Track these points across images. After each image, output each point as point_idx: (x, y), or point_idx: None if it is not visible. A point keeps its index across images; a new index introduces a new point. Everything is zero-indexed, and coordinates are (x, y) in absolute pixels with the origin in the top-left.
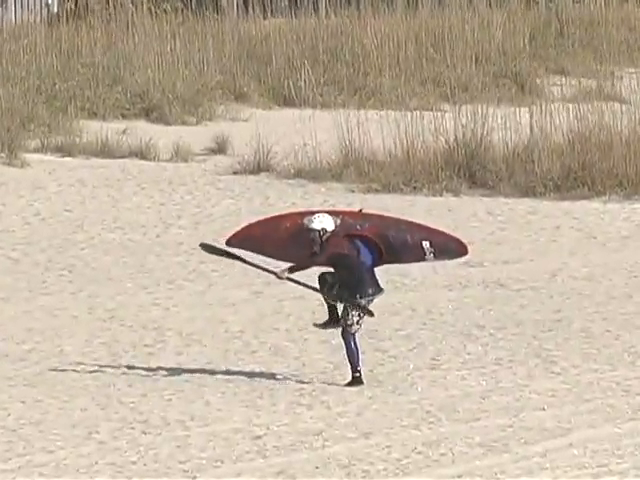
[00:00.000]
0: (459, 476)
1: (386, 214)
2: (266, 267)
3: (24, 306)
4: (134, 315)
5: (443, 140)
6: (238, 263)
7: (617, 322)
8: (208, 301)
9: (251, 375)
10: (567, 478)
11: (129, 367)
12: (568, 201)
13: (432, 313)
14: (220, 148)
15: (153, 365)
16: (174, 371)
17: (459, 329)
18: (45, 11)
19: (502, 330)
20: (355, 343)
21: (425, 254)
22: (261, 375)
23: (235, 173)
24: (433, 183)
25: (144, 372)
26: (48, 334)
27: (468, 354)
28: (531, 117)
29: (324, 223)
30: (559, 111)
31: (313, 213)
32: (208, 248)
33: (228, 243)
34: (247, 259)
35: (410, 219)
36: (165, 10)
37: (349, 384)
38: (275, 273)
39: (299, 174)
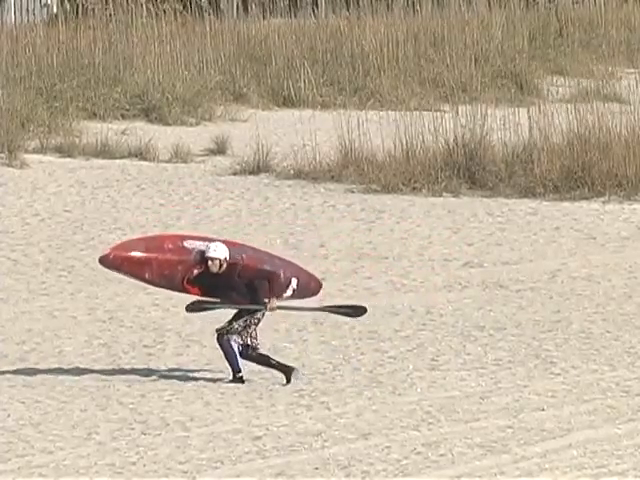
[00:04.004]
0: (458, 477)
1: (255, 247)
2: (253, 307)
3: (23, 307)
4: (133, 316)
5: (443, 140)
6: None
7: (617, 323)
8: None
9: (251, 375)
10: (567, 479)
11: (129, 368)
12: (567, 202)
13: (432, 314)
14: (219, 149)
15: (152, 366)
16: (174, 372)
17: (459, 330)
18: (44, 12)
19: (501, 331)
20: (230, 346)
21: (285, 291)
22: (261, 376)
23: (234, 174)
24: (433, 184)
25: (143, 373)
26: (47, 335)
27: (467, 355)
28: (530, 117)
29: (224, 252)
30: (558, 111)
31: (191, 237)
32: (194, 308)
33: (102, 262)
34: (228, 304)
35: (281, 256)
36: (165, 11)
37: (231, 381)
38: (266, 307)
39: (299, 175)
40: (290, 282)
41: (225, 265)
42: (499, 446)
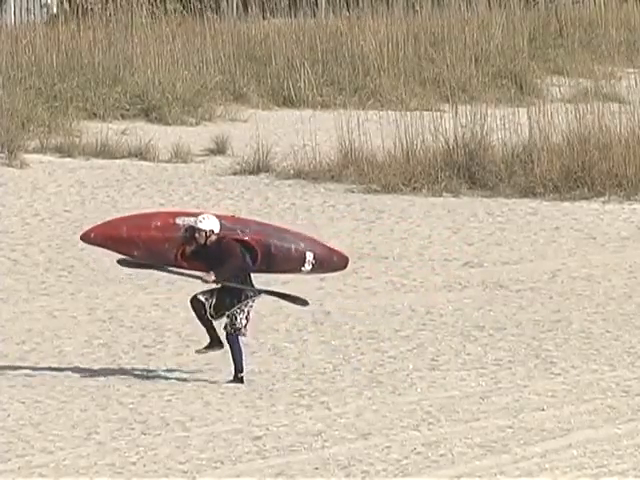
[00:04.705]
0: (458, 477)
1: (264, 222)
2: (189, 273)
3: (23, 307)
4: (133, 316)
5: (443, 140)
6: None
7: (617, 322)
8: None
9: (250, 375)
10: (567, 479)
11: (129, 368)
12: (567, 202)
13: (432, 314)
14: (219, 149)
15: (152, 366)
16: (173, 372)
17: (459, 330)
18: (44, 12)
19: (502, 331)
20: (240, 346)
21: (303, 265)
22: (261, 376)
23: (234, 174)
24: (433, 184)
25: (143, 373)
26: (47, 335)
27: (468, 355)
28: (530, 117)
29: (212, 224)
30: (558, 111)
31: (184, 213)
32: (126, 263)
33: (84, 238)
34: (168, 268)
35: (294, 230)
36: (165, 11)
37: (231, 381)
38: (201, 278)
39: (299, 174)
40: (305, 256)
41: (214, 237)
42: (499, 446)
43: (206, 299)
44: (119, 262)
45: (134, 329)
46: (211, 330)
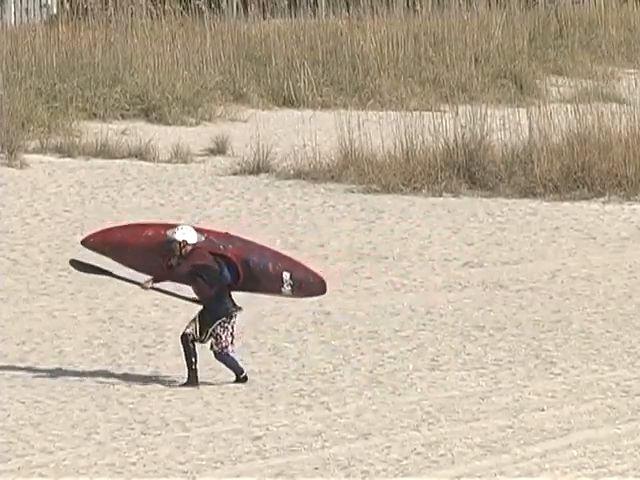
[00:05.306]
0: (458, 477)
1: (252, 240)
2: (131, 279)
3: (23, 307)
4: (133, 316)
5: (442, 141)
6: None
7: (617, 323)
8: None
9: (251, 376)
10: (567, 479)
11: (129, 368)
12: (567, 202)
13: (432, 314)
14: (219, 149)
15: (152, 366)
16: (173, 372)
17: (459, 330)
18: (44, 12)
19: (501, 331)
20: (230, 357)
21: (282, 286)
22: (261, 376)
23: (234, 174)
24: (432, 184)
25: (143, 373)
26: (47, 335)
27: (468, 355)
28: (530, 118)
29: (186, 235)
30: (558, 112)
31: (174, 226)
32: (77, 265)
33: (84, 244)
34: (114, 272)
35: (276, 249)
36: (164, 11)
37: (235, 382)
38: (140, 284)
39: (299, 175)
40: (282, 275)
41: (189, 248)
42: (499, 446)
43: (192, 329)
44: (71, 263)
45: (134, 329)
46: (192, 371)
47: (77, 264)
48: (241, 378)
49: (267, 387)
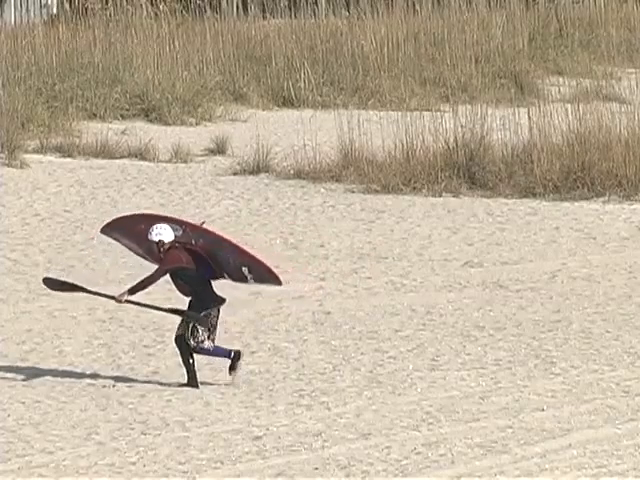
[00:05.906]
0: (458, 477)
1: (224, 235)
2: (104, 293)
3: (23, 307)
4: (133, 316)
5: (443, 141)
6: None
7: (616, 323)
8: None
9: (251, 376)
10: (567, 479)
11: (128, 368)
12: (567, 202)
13: (432, 314)
14: (219, 149)
15: (152, 366)
16: (173, 372)
17: (458, 330)
18: (44, 12)
19: (501, 331)
20: (208, 349)
21: (247, 277)
22: (260, 376)
23: (235, 174)
24: (433, 184)
25: (143, 373)
26: (47, 335)
27: (467, 355)
28: (530, 118)
29: (162, 235)
30: (558, 112)
31: (168, 220)
32: (50, 283)
33: (103, 231)
34: (87, 288)
35: (236, 242)
36: (164, 11)
37: (232, 366)
38: (114, 297)
39: (299, 175)
40: (242, 270)
41: (167, 247)
42: (499, 446)
43: (183, 329)
44: (44, 281)
45: (134, 329)
46: (191, 372)
47: (50, 282)
48: (234, 358)
49: (267, 387)
